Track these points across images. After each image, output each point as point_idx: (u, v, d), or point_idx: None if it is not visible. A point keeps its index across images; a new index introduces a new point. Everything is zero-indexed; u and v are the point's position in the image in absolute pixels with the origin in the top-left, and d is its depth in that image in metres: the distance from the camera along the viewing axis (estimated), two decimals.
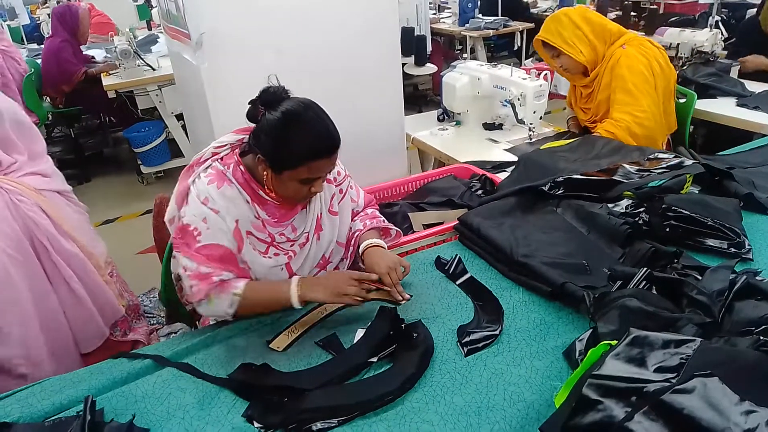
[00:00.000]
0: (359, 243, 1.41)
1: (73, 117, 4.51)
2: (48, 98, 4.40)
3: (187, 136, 3.74)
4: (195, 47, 1.75)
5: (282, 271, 1.33)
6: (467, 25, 5.25)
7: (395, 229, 1.52)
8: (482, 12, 5.42)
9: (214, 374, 1.11)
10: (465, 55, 5.18)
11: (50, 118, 4.40)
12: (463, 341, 1.14)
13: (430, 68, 4.78)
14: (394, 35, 2.07)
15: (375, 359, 1.10)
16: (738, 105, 2.46)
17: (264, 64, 1.74)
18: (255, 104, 1.20)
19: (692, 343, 0.85)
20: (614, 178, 1.61)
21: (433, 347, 1.13)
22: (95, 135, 5.03)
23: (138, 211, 3.82)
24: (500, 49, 6.23)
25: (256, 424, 0.98)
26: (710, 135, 2.74)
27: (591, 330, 1.07)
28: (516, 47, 5.49)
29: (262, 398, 1.03)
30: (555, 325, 1.18)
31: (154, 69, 3.95)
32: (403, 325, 1.18)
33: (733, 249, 1.34)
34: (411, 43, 4.49)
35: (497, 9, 5.52)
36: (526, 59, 5.41)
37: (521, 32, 5.34)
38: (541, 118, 2.26)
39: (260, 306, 1.26)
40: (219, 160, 1.26)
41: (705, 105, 2.48)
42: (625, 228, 1.37)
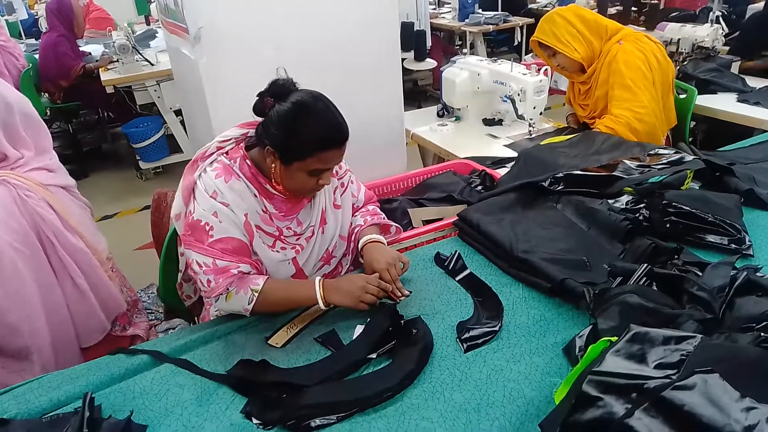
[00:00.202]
0: (359, 239, 1.41)
1: (72, 112, 4.50)
2: (46, 94, 4.38)
3: (186, 132, 3.74)
4: (193, 42, 1.74)
5: (289, 266, 1.32)
6: (467, 21, 5.24)
7: (395, 226, 1.52)
8: (482, 7, 5.41)
9: (213, 370, 1.10)
10: (465, 51, 5.19)
11: (48, 114, 4.38)
12: (463, 337, 1.13)
13: (430, 63, 4.78)
14: (394, 30, 2.06)
15: (374, 355, 1.10)
16: (738, 101, 2.46)
17: (263, 60, 1.73)
18: (263, 96, 1.19)
19: (693, 340, 0.85)
20: (614, 174, 1.61)
21: (433, 343, 1.13)
22: (93, 130, 5.02)
23: (136, 207, 3.82)
24: (500, 45, 6.23)
25: (255, 421, 0.97)
26: (711, 131, 2.73)
27: (591, 326, 1.06)
28: (516, 43, 5.49)
29: (261, 394, 1.03)
30: (555, 322, 1.17)
31: (153, 64, 3.93)
32: (403, 321, 1.18)
33: (734, 245, 1.33)
34: (411, 39, 4.49)
35: (497, 4, 5.52)
36: (526, 55, 5.38)
37: (521, 28, 5.33)
38: (541, 114, 2.26)
39: (279, 305, 1.25)
40: (225, 155, 1.26)
41: (705, 101, 2.48)
42: (626, 224, 1.37)
